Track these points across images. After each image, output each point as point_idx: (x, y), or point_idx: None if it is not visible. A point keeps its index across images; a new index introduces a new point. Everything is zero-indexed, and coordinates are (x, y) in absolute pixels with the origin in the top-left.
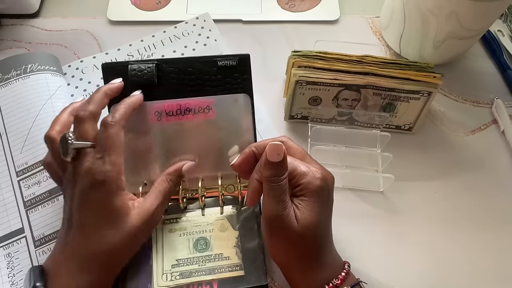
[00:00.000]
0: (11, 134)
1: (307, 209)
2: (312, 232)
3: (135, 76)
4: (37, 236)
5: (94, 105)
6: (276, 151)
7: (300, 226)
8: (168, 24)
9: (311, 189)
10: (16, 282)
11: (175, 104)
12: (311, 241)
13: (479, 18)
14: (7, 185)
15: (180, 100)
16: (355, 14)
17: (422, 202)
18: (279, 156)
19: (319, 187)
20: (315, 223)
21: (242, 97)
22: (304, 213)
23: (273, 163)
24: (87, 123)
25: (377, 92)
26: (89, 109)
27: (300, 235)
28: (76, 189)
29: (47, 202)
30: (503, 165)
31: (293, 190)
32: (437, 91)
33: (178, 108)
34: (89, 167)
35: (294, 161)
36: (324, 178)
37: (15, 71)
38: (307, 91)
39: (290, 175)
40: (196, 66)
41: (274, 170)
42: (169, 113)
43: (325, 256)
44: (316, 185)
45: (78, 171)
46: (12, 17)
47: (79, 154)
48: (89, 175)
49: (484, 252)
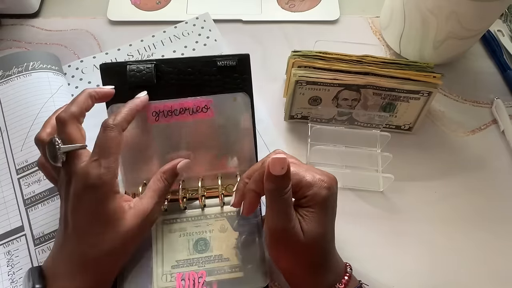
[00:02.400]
0: (11, 131)
1: (314, 221)
2: (319, 243)
3: (133, 77)
4: (37, 235)
5: (76, 106)
6: (280, 165)
7: (306, 238)
8: (168, 24)
9: (318, 201)
10: (15, 280)
11: (174, 104)
12: (318, 251)
13: (479, 18)
14: (7, 183)
15: (178, 100)
16: (355, 14)
17: (422, 202)
18: (283, 170)
19: (326, 197)
20: (322, 234)
21: (241, 96)
22: (311, 224)
23: (277, 177)
24: (69, 124)
25: (377, 92)
26: (70, 110)
27: (306, 247)
28: (70, 191)
29: (47, 200)
30: (503, 165)
31: (300, 201)
32: (437, 91)
33: (176, 108)
34: (84, 170)
35: (299, 171)
36: (330, 187)
37: (16, 68)
38: (307, 91)
39: (296, 187)
40: (195, 66)
41: (277, 183)
42: (167, 113)
43: (329, 262)
44: (323, 196)
45: (72, 173)
46: (12, 17)
47: (71, 156)
48: (83, 177)
49: (484, 252)
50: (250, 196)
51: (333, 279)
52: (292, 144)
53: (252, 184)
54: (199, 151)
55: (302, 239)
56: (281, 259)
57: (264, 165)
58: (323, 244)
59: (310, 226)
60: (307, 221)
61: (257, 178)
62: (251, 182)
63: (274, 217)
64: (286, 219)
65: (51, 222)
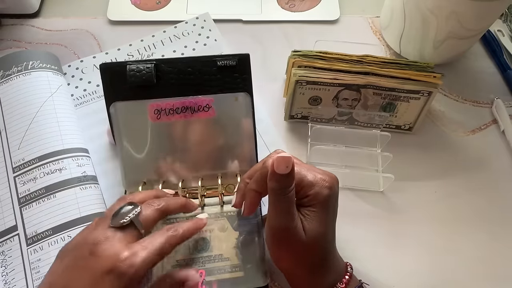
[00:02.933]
0: (10, 130)
1: (315, 220)
2: (320, 243)
3: (133, 77)
4: (30, 234)
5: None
6: (285, 163)
7: (308, 237)
8: (168, 24)
9: (320, 200)
10: (9, 281)
11: (175, 103)
12: (319, 251)
13: (479, 18)
14: (3, 182)
15: (180, 99)
16: (355, 14)
17: (422, 202)
18: (287, 168)
19: (327, 197)
20: (323, 233)
21: (242, 95)
22: (312, 224)
23: (281, 175)
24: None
25: (377, 92)
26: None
27: (308, 246)
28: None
29: (42, 199)
30: (503, 165)
31: (301, 201)
32: (437, 91)
33: (177, 106)
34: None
35: (301, 170)
36: (332, 186)
37: (16, 67)
38: (307, 90)
39: (297, 186)
40: (195, 66)
41: (282, 183)
42: (169, 112)
43: (330, 262)
44: (325, 195)
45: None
46: (12, 17)
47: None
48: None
49: (484, 252)
50: (251, 196)
51: (333, 279)
52: (292, 144)
53: (253, 184)
54: (199, 150)
55: (304, 239)
56: (282, 259)
57: (266, 165)
58: (324, 243)
59: (311, 225)
60: (308, 221)
61: (259, 178)
62: (252, 182)
63: (277, 216)
64: (289, 218)
65: (45, 221)
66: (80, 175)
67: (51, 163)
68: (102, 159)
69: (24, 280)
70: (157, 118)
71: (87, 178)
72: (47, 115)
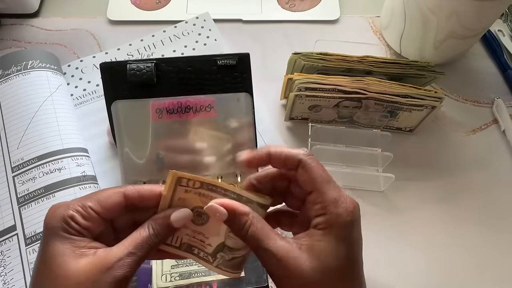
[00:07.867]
0: (9, 129)
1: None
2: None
3: (134, 76)
4: (28, 234)
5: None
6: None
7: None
8: (168, 24)
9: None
10: (7, 281)
11: (177, 102)
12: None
13: (479, 18)
14: (2, 181)
15: (181, 98)
16: (355, 14)
17: (422, 202)
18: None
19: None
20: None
21: (243, 96)
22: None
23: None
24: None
25: (379, 103)
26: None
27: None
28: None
29: (41, 198)
30: (504, 164)
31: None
32: (441, 106)
33: (179, 106)
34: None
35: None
36: (355, 211)
37: (15, 67)
38: (307, 101)
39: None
40: (196, 66)
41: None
42: (170, 111)
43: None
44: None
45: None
46: (12, 17)
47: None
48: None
49: (484, 252)
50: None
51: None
52: (293, 144)
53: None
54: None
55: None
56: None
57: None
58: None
59: (323, 256)
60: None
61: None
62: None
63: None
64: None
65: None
66: (80, 175)
67: (50, 163)
68: (101, 159)
69: (23, 280)
70: (158, 117)
71: (86, 178)
72: (46, 114)
